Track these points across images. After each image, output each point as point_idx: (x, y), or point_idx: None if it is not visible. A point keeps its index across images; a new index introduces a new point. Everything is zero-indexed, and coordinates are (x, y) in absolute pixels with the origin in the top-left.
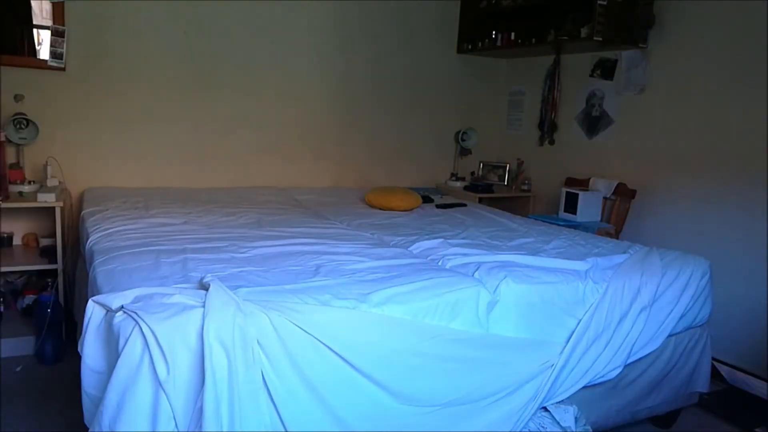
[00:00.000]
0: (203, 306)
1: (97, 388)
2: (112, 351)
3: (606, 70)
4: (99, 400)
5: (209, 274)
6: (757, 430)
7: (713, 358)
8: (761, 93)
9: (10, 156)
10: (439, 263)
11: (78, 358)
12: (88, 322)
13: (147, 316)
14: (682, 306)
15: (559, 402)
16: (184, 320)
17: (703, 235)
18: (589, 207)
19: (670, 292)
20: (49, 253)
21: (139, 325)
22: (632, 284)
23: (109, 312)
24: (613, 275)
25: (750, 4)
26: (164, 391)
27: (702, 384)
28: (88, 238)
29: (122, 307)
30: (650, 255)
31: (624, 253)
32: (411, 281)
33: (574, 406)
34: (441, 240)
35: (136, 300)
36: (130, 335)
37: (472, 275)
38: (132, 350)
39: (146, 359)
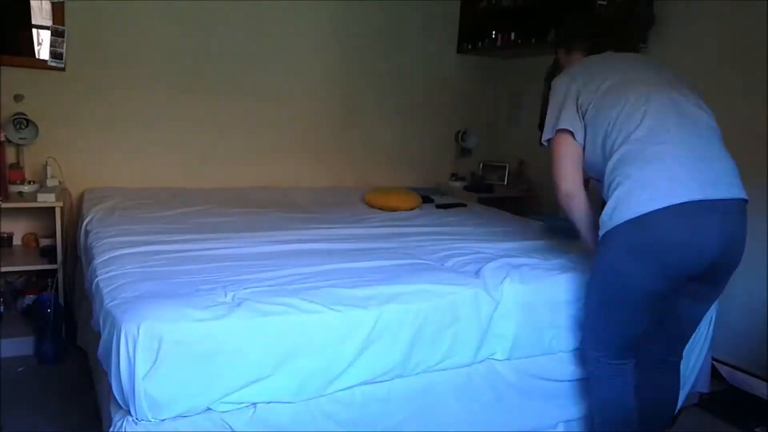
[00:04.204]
0: None
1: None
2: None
3: None
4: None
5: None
6: (757, 430)
7: (713, 358)
8: (761, 93)
9: (10, 156)
10: (440, 263)
11: (78, 357)
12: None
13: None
14: None
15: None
16: None
17: None
18: None
19: None
20: (49, 253)
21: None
22: None
23: None
24: None
25: (750, 4)
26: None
27: (702, 384)
28: (87, 238)
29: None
30: None
31: None
32: (411, 281)
33: None
34: (442, 240)
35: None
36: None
37: (473, 275)
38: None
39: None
